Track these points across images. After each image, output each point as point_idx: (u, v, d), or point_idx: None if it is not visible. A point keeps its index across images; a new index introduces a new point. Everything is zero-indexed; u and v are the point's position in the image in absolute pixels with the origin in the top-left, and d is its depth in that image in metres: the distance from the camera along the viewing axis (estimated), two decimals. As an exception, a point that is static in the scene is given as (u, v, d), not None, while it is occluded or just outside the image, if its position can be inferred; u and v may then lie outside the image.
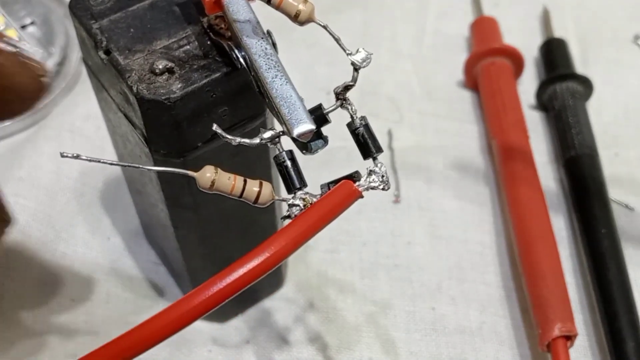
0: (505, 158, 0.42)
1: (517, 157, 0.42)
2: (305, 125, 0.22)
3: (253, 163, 0.29)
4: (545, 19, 0.51)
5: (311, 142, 0.23)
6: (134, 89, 0.24)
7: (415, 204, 0.42)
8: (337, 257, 0.40)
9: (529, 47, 0.48)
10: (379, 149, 0.23)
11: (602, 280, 0.37)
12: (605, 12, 0.52)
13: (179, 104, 0.24)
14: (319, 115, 0.23)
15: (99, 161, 0.20)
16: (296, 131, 0.22)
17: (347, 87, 0.23)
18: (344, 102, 0.23)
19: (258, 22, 0.24)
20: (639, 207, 0.42)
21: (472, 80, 0.47)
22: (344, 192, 0.22)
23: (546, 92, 0.46)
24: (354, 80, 0.23)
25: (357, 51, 0.23)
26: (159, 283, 0.39)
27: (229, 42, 0.25)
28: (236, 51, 0.24)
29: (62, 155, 0.20)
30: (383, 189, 0.23)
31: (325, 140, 0.23)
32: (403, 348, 0.36)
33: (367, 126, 0.23)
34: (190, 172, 0.21)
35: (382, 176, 0.23)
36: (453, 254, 0.40)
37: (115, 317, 0.37)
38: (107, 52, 0.26)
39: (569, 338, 0.34)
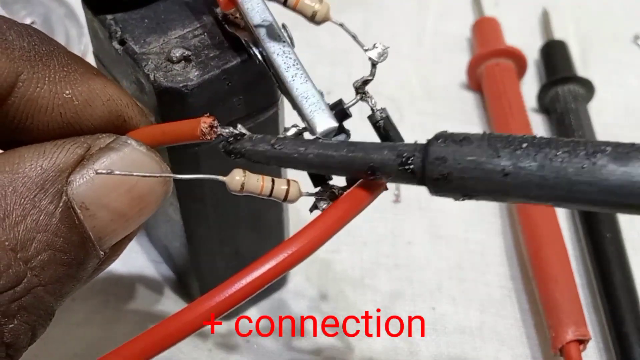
0: None
1: None
2: (328, 123, 0.22)
3: None
4: (545, 20, 0.51)
5: (334, 137, 0.23)
6: (151, 76, 0.25)
7: (415, 204, 0.42)
8: (338, 256, 0.40)
9: (529, 48, 0.48)
10: (401, 140, 0.24)
11: (608, 285, 0.37)
12: (605, 12, 0.53)
13: (196, 91, 0.25)
14: (339, 110, 0.24)
15: (132, 174, 0.20)
16: (319, 129, 0.22)
17: (365, 82, 0.23)
18: (364, 95, 0.24)
19: (274, 19, 0.24)
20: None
21: (475, 81, 0.47)
22: (372, 183, 0.22)
23: (548, 94, 0.46)
24: (372, 75, 0.23)
25: (374, 46, 0.23)
26: (160, 281, 0.39)
27: (246, 38, 0.25)
28: (254, 48, 0.24)
29: (97, 173, 0.20)
30: None
31: (347, 134, 0.23)
32: (403, 348, 0.36)
33: (387, 118, 0.24)
34: (220, 177, 0.21)
35: None
36: (453, 254, 0.40)
37: (116, 316, 0.37)
38: (122, 42, 0.26)
39: (582, 342, 0.34)
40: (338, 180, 0.23)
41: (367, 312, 0.37)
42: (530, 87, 0.47)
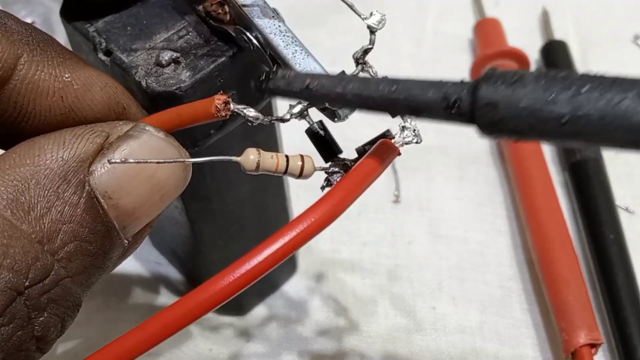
0: (520, 163, 0.42)
1: (532, 161, 0.41)
2: None
3: (262, 145, 0.30)
4: (545, 20, 0.51)
5: (339, 109, 0.23)
6: (143, 83, 0.25)
7: (416, 204, 0.42)
8: (338, 256, 0.40)
9: (529, 48, 0.48)
10: None
11: (612, 287, 0.36)
12: (605, 12, 0.52)
13: (190, 92, 0.25)
14: None
15: (146, 162, 0.20)
16: None
17: (366, 51, 0.23)
18: (365, 65, 0.24)
19: (265, 1, 0.24)
20: (638, 210, 0.41)
21: None
22: (384, 149, 0.22)
23: (549, 95, 0.45)
24: (372, 43, 0.23)
25: (371, 14, 0.23)
26: (161, 282, 0.39)
27: (237, 26, 0.25)
28: (247, 33, 0.24)
29: (110, 162, 0.20)
30: (417, 142, 0.23)
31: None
32: (403, 348, 0.36)
33: None
34: (234, 158, 0.21)
35: (414, 130, 0.23)
36: (453, 254, 0.40)
37: (116, 317, 0.37)
38: (108, 52, 0.26)
39: (594, 346, 0.34)
40: (349, 154, 0.23)
41: (367, 313, 0.37)
42: (530, 87, 0.47)
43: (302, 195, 0.37)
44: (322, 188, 0.22)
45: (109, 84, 0.23)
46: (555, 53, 0.48)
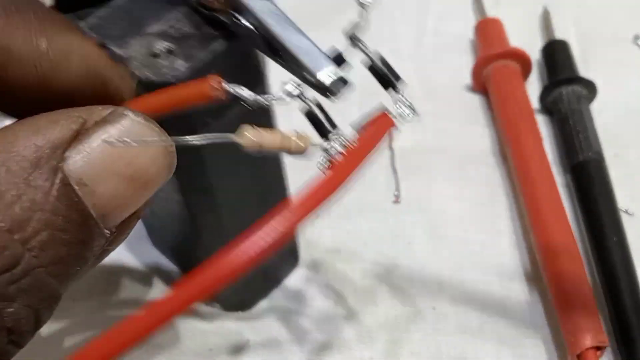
0: (523, 164, 0.41)
1: (535, 163, 0.41)
2: (328, 68, 0.23)
3: None
4: (546, 20, 0.51)
5: (333, 85, 0.23)
6: (138, 74, 0.25)
7: (416, 204, 0.42)
8: (338, 257, 0.40)
9: (530, 48, 0.48)
10: (399, 77, 0.24)
11: (614, 290, 0.36)
12: (605, 12, 0.53)
13: (185, 81, 0.25)
14: (335, 57, 0.24)
15: (136, 143, 0.20)
16: (320, 74, 0.23)
17: (356, 26, 0.24)
18: (356, 41, 0.24)
19: None
20: (638, 211, 0.41)
21: (480, 83, 0.47)
22: (383, 122, 0.22)
23: (550, 95, 0.45)
24: (364, 19, 0.23)
25: None
26: (161, 282, 0.39)
27: (229, 10, 0.25)
28: (240, 17, 0.24)
29: (105, 141, 0.19)
30: (413, 115, 0.23)
31: (345, 81, 0.23)
32: (404, 348, 0.36)
33: (382, 59, 0.24)
34: (229, 135, 0.21)
35: (409, 104, 0.23)
36: (453, 254, 0.40)
37: (116, 317, 0.37)
38: (102, 46, 0.26)
39: (599, 348, 0.34)
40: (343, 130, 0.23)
41: (367, 313, 0.37)
42: (530, 87, 0.47)
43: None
44: (323, 165, 0.22)
45: (92, 54, 0.22)
46: (556, 53, 0.48)
